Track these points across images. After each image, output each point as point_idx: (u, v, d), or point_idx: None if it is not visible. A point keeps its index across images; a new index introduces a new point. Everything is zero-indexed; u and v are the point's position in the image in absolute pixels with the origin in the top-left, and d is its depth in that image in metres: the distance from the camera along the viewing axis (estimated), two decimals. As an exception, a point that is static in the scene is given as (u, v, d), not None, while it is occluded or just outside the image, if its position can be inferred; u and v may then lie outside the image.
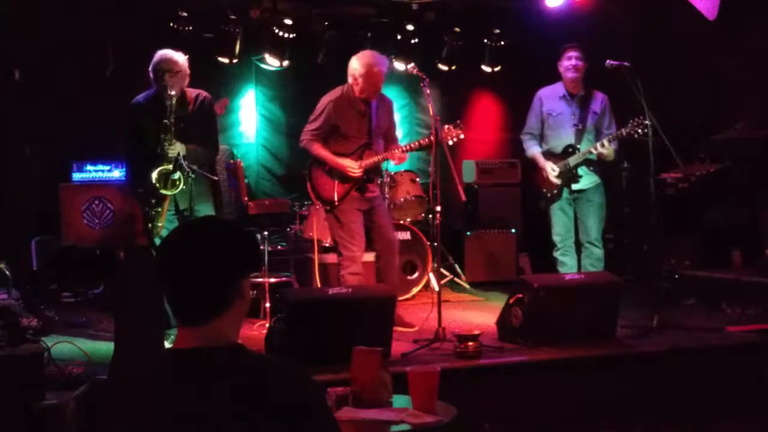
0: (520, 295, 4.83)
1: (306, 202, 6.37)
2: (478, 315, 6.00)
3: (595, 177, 5.89)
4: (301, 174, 5.80)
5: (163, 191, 4.73)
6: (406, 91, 8.64)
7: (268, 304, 5.56)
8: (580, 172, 5.83)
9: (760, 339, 4.92)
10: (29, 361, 3.75)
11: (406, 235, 6.75)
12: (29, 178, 6.94)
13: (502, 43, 8.44)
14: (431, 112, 5.16)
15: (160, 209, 4.77)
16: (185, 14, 7.25)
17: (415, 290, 6.81)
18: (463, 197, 5.19)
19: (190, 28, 7.28)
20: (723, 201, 6.84)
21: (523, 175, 7.81)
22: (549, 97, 5.96)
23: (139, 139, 4.87)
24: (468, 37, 8.30)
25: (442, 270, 6.90)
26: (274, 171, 8.31)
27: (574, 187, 5.85)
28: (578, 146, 5.81)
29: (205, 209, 4.89)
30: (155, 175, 4.70)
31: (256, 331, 5.37)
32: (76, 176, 7.06)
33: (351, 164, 5.34)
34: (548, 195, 5.88)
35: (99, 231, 6.82)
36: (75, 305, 6.47)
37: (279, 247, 6.66)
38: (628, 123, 5.55)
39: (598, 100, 5.90)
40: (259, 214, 6.20)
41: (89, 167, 7.08)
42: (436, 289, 5.60)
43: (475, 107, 9.04)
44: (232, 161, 6.78)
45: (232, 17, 7.47)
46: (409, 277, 6.82)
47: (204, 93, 5.01)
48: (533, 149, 5.96)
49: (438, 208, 5.03)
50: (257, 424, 1.64)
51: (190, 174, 4.68)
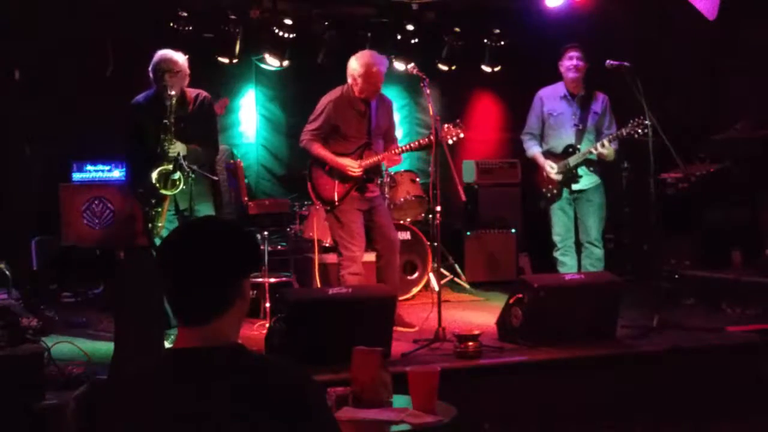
0: (520, 295, 4.83)
1: (306, 202, 6.37)
2: (478, 315, 5.99)
3: (595, 177, 5.89)
4: (301, 174, 5.80)
5: (163, 191, 4.73)
6: (406, 91, 8.64)
7: (268, 304, 5.56)
8: (580, 172, 5.83)
9: (760, 339, 4.92)
10: (29, 361, 3.75)
11: (406, 235, 6.75)
12: (29, 178, 6.93)
13: (502, 43, 8.44)
14: (431, 112, 5.15)
15: (160, 209, 4.77)
16: (185, 14, 7.25)
17: (415, 290, 6.81)
18: (463, 197, 5.19)
19: (190, 28, 7.28)
20: (723, 201, 6.84)
21: (523, 175, 7.81)
22: (550, 97, 5.96)
23: (139, 139, 4.86)
24: (468, 37, 8.30)
25: (442, 270, 6.89)
26: (274, 171, 8.30)
27: (574, 187, 5.84)
28: (579, 146, 5.81)
29: (205, 209, 4.89)
30: (155, 175, 4.70)
31: (256, 331, 5.37)
32: (76, 176, 7.05)
33: (351, 163, 5.34)
34: (548, 195, 5.88)
35: (99, 231, 6.82)
36: (75, 305, 6.47)
37: (279, 247, 6.66)
38: (629, 123, 5.54)
39: (599, 100, 5.90)
40: (259, 214, 6.20)
41: (89, 167, 7.08)
42: (436, 289, 5.60)
43: (475, 107, 9.04)
44: (232, 161, 6.78)
45: (232, 17, 7.47)
46: (409, 277, 6.82)
47: (204, 93, 5.01)
48: (533, 149, 5.96)
49: (438, 208, 5.03)
50: (257, 424, 1.64)
51: (190, 174, 4.68)
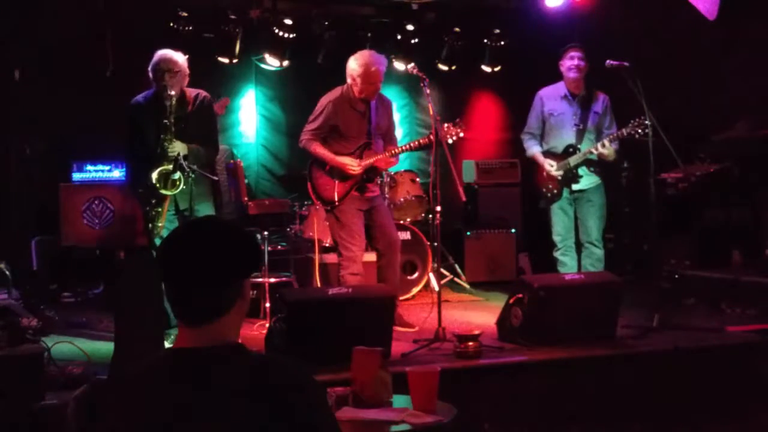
0: (520, 295, 4.83)
1: (306, 202, 6.37)
2: (478, 315, 5.99)
3: (595, 177, 5.88)
4: (301, 174, 5.80)
5: (163, 191, 4.72)
6: (406, 91, 8.64)
7: (268, 304, 5.56)
8: (581, 172, 5.83)
9: (760, 339, 4.92)
10: (29, 361, 3.74)
11: (406, 235, 6.75)
12: (29, 178, 6.93)
13: (502, 43, 8.44)
14: (431, 112, 5.15)
15: (160, 209, 4.77)
16: (185, 14, 7.26)
17: (415, 290, 6.81)
18: (463, 197, 5.17)
19: (190, 28, 7.29)
20: (723, 201, 6.84)
21: (523, 175, 7.81)
22: (550, 97, 5.95)
23: (139, 139, 4.86)
24: (468, 37, 8.30)
25: (442, 270, 6.89)
26: (274, 171, 8.31)
27: (574, 188, 5.84)
28: (579, 146, 5.81)
29: (205, 209, 4.89)
30: (155, 175, 4.70)
31: (256, 331, 5.37)
32: (76, 176, 7.05)
33: (350, 162, 5.34)
34: (548, 195, 5.88)
35: (99, 231, 6.81)
36: (75, 305, 6.47)
37: (279, 247, 6.67)
38: (629, 123, 5.54)
39: (600, 100, 5.89)
40: (259, 214, 6.19)
41: (89, 167, 7.08)
42: (436, 289, 5.60)
43: (475, 107, 9.04)
44: (232, 161, 6.77)
45: (232, 17, 7.47)
46: (409, 277, 6.82)
47: (204, 93, 5.00)
48: (533, 149, 5.95)
49: (438, 208, 5.03)
50: (257, 424, 1.64)
51: (190, 174, 4.67)
